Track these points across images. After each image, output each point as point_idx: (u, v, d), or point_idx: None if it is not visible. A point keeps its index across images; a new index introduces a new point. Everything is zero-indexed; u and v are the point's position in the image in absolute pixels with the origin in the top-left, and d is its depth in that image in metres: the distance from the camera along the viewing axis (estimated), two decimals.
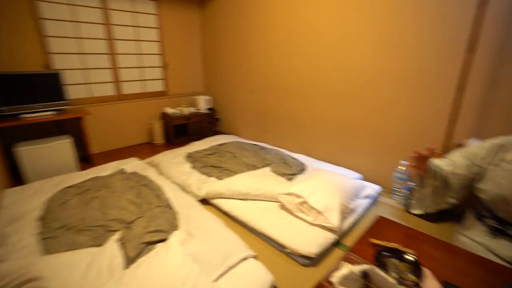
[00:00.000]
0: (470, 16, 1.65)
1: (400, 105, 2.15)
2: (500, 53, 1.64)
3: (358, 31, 2.26)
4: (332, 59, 2.49)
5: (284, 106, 3.07)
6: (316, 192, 1.78)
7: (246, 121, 3.64)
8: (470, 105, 1.81)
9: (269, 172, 2.33)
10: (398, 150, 2.25)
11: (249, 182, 2.11)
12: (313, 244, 1.55)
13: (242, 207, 1.95)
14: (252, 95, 3.41)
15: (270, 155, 2.75)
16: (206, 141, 3.31)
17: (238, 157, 2.76)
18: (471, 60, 1.61)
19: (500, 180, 1.08)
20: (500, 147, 1.11)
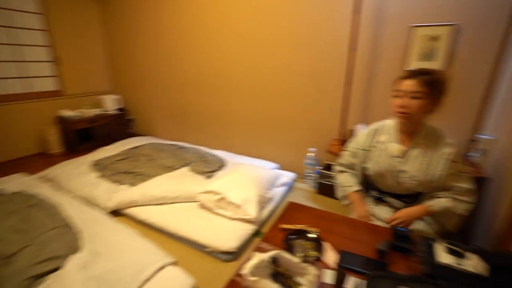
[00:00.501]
0: (348, 21, 1.92)
1: (305, 98, 2.35)
2: (373, 51, 1.97)
3: (269, 29, 2.34)
4: (247, 54, 2.52)
5: (203, 102, 2.97)
6: (234, 187, 1.78)
7: (164, 120, 3.39)
8: (356, 96, 2.12)
9: (187, 172, 2.23)
10: (307, 139, 2.45)
11: (166, 185, 1.97)
12: (233, 239, 1.55)
13: (159, 212, 1.81)
14: (169, 91, 3.19)
15: (189, 154, 2.65)
16: (117, 146, 2.95)
17: (155, 159, 2.55)
18: (354, 57, 1.88)
19: (377, 158, 1.29)
20: (375, 131, 1.32)
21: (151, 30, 3.05)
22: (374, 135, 1.32)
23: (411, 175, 1.21)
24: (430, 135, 1.20)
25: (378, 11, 1.89)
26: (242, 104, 2.71)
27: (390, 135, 1.27)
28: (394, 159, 1.24)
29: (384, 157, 1.27)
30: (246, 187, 1.81)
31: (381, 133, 1.31)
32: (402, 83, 1.14)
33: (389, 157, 1.25)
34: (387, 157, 1.26)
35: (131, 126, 3.76)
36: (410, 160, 1.22)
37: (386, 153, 1.26)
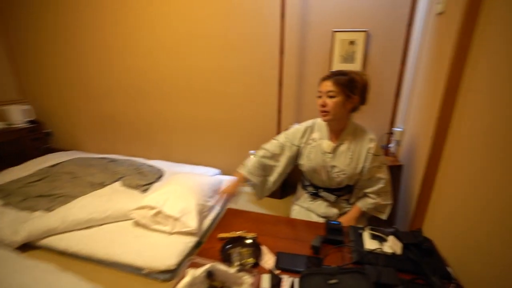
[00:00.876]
0: (277, 25, 1.98)
1: (243, 100, 2.35)
2: (302, 55, 2.07)
3: (203, 31, 2.27)
4: (180, 58, 2.40)
5: (136, 110, 2.73)
6: (170, 198, 1.67)
7: (91, 131, 3.01)
8: (289, 97, 2.21)
9: (119, 187, 2.01)
10: (247, 141, 2.46)
11: (93, 205, 1.73)
12: (173, 255, 1.44)
13: (85, 238, 1.57)
14: (96, 99, 2.84)
15: (123, 167, 2.40)
16: (30, 165, 2.51)
17: (80, 176, 2.24)
18: (283, 60, 1.95)
19: (310, 154, 1.34)
20: (308, 128, 1.37)
21: (69, 31, 2.67)
22: (309, 132, 1.37)
23: (340, 169, 1.29)
24: (355, 132, 1.30)
25: (302, 17, 2.00)
26: (179, 110, 2.59)
27: (321, 133, 1.34)
28: (326, 155, 1.31)
29: (317, 153, 1.32)
30: (184, 197, 1.71)
31: (314, 131, 1.37)
32: (322, 84, 1.21)
33: (321, 153, 1.31)
34: (319, 153, 1.32)
35: (49, 140, 3.24)
36: (339, 155, 1.29)
37: (319, 149, 1.32)
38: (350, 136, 1.29)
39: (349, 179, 1.32)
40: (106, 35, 2.56)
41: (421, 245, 0.97)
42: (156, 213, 1.60)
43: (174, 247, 1.49)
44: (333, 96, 1.18)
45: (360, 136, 1.29)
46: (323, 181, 1.36)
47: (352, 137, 1.29)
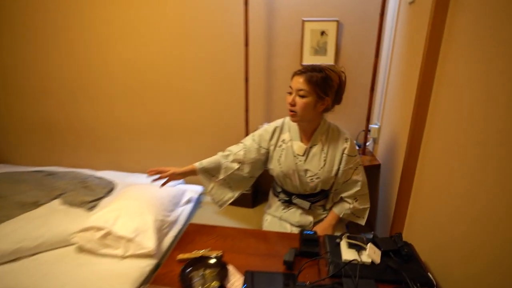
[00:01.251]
0: (241, 12, 1.95)
1: (209, 99, 2.31)
2: (269, 46, 2.07)
3: (158, 19, 2.18)
4: (132, 49, 2.29)
5: (79, 113, 2.55)
6: (122, 216, 1.57)
7: (23, 139, 2.74)
8: (257, 94, 2.20)
9: (58, 206, 1.85)
10: (214, 144, 2.41)
11: (22, 231, 1.57)
12: (126, 284, 1.33)
13: (10, 274, 1.41)
14: (26, 102, 2.60)
15: (63, 181, 2.21)
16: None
17: (7, 196, 2.02)
18: (248, 53, 1.93)
19: (280, 158, 1.32)
20: (277, 129, 1.35)
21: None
22: (278, 133, 1.35)
23: (314, 173, 1.29)
24: (328, 132, 1.31)
25: (269, 3, 1.99)
26: (133, 112, 2.47)
27: (292, 133, 1.32)
28: (297, 158, 1.29)
29: (288, 156, 1.31)
30: (139, 213, 1.61)
31: (284, 131, 1.35)
32: (293, 80, 1.19)
33: (292, 157, 1.30)
34: (290, 156, 1.30)
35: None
36: (312, 158, 1.29)
37: (290, 152, 1.30)
38: (323, 137, 1.30)
39: (324, 184, 1.32)
40: (37, 22, 2.35)
41: (401, 251, 0.99)
42: (105, 235, 1.49)
43: (127, 274, 1.39)
44: (303, 95, 1.17)
45: (334, 136, 1.30)
46: (296, 186, 1.35)
47: (325, 138, 1.30)
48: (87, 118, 2.55)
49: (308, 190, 1.34)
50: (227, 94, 2.26)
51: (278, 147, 1.34)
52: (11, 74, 2.55)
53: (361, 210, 1.36)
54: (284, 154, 1.32)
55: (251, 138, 1.38)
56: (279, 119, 1.39)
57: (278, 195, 1.45)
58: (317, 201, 1.39)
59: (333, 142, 1.29)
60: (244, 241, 1.15)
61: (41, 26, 2.34)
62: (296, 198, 1.38)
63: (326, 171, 1.28)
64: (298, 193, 1.38)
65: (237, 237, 1.17)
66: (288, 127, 1.34)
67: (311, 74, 1.16)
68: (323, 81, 1.17)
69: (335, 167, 1.29)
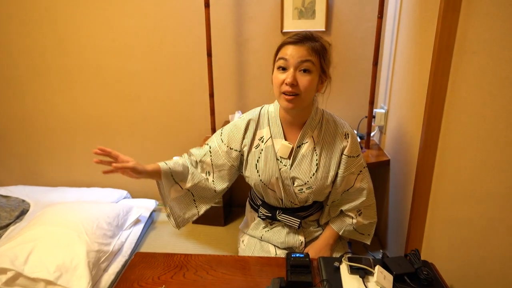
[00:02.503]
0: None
1: (159, 85, 2.31)
2: (237, 7, 2.06)
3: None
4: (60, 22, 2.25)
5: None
6: (38, 250, 1.54)
7: None
8: (224, 72, 2.20)
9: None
10: (170, 144, 2.42)
11: None
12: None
13: None
14: None
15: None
16: None
17: None
18: (209, 15, 1.90)
19: (258, 163, 1.31)
20: (251, 122, 1.34)
21: None
22: (253, 128, 1.32)
23: (304, 181, 1.26)
24: (322, 125, 1.28)
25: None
26: (53, 105, 2.43)
27: (272, 128, 1.29)
28: (281, 162, 1.27)
29: (268, 160, 1.28)
30: (64, 244, 1.58)
31: (261, 126, 1.32)
32: (289, 50, 1.14)
33: (275, 160, 1.27)
34: (272, 160, 1.28)
35: None
36: (300, 161, 1.27)
37: (271, 154, 1.28)
38: (315, 131, 1.27)
39: (318, 195, 1.31)
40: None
41: (419, 274, 1.00)
42: (12, 279, 1.45)
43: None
44: (309, 70, 1.12)
45: (329, 130, 1.28)
46: (280, 199, 1.34)
47: (317, 133, 1.28)
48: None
49: (297, 202, 1.33)
50: (183, 76, 2.24)
51: (254, 147, 1.32)
52: None
53: (366, 226, 1.37)
54: (263, 158, 1.29)
55: (218, 136, 1.36)
56: (254, 109, 1.36)
57: (258, 209, 1.43)
58: (309, 215, 1.39)
59: (329, 139, 1.28)
60: (213, 272, 1.13)
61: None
62: (282, 213, 1.36)
63: (319, 179, 1.26)
64: (284, 207, 1.37)
65: (203, 267, 1.14)
66: (267, 120, 1.31)
67: (312, 43, 1.13)
68: (323, 52, 1.15)
69: (332, 172, 1.27)
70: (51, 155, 2.55)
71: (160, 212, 2.37)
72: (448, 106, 1.21)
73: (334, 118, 1.31)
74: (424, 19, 1.42)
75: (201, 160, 1.34)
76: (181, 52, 2.20)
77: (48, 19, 2.25)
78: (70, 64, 2.34)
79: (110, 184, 2.50)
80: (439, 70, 1.20)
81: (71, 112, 2.44)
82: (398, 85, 1.78)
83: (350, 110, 2.15)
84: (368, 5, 1.98)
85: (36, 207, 2.15)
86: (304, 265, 1.06)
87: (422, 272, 1.01)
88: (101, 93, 2.38)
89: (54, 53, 2.32)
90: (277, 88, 1.16)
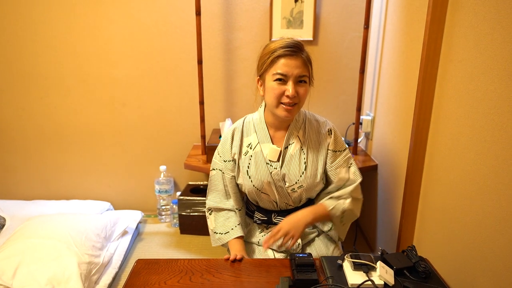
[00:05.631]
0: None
1: (150, 90, 2.33)
2: (227, 15, 2.14)
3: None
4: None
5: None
6: (25, 263, 1.53)
7: None
8: (213, 80, 2.27)
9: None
10: (155, 153, 2.42)
11: None
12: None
13: None
14: None
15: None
16: None
17: None
18: (199, 23, 1.95)
19: (249, 169, 1.39)
20: (236, 131, 1.43)
21: None
22: (238, 137, 1.40)
23: (294, 180, 1.35)
24: (305, 125, 1.39)
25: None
26: (30, 112, 2.39)
27: (259, 135, 1.38)
28: (271, 165, 1.35)
29: (258, 165, 1.36)
30: (54, 256, 1.58)
31: (247, 133, 1.41)
32: (285, 63, 1.22)
33: (265, 165, 1.35)
34: (261, 164, 1.35)
35: None
36: (289, 161, 1.35)
37: (260, 159, 1.36)
38: (300, 131, 1.37)
39: (309, 192, 1.40)
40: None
41: (417, 268, 1.10)
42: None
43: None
44: (305, 81, 1.25)
45: (312, 129, 1.38)
46: (274, 202, 1.41)
47: (302, 132, 1.37)
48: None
49: (291, 203, 1.41)
50: (171, 83, 2.28)
51: (243, 154, 1.39)
52: None
53: (349, 216, 1.41)
54: (253, 163, 1.37)
55: (217, 156, 1.45)
56: (238, 120, 1.46)
57: (253, 215, 1.50)
58: None
59: (314, 137, 1.38)
60: (219, 275, 1.16)
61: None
62: (277, 216, 1.44)
63: (309, 176, 1.35)
64: (279, 210, 1.44)
65: (208, 271, 1.18)
66: (253, 127, 1.40)
67: (305, 53, 1.25)
68: (311, 60, 1.27)
69: (320, 169, 1.36)
70: (25, 166, 2.50)
71: (146, 224, 2.37)
72: (435, 111, 1.33)
73: (315, 117, 1.41)
74: (411, 30, 1.56)
75: (222, 185, 1.44)
76: (170, 59, 2.24)
77: (25, 22, 2.23)
78: (49, 70, 2.31)
79: (90, 196, 2.48)
80: (427, 78, 1.32)
81: (49, 120, 2.40)
82: (385, 92, 1.90)
83: (337, 118, 2.26)
84: (353, 16, 2.12)
85: (13, 222, 2.10)
86: (309, 264, 1.13)
87: (420, 266, 1.10)
88: (83, 100, 2.36)
89: (32, 58, 2.29)
90: (275, 99, 1.24)
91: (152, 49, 2.24)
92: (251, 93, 2.23)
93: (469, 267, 1.12)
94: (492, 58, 1.00)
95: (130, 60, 2.27)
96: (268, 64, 1.24)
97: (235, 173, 1.41)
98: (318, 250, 1.41)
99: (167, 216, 2.40)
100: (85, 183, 2.51)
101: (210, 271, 1.19)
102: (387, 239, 1.83)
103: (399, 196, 1.62)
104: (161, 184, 2.33)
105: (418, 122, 1.38)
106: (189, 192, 2.29)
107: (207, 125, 2.21)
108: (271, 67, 1.23)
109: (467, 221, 1.13)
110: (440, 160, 1.30)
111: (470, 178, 1.11)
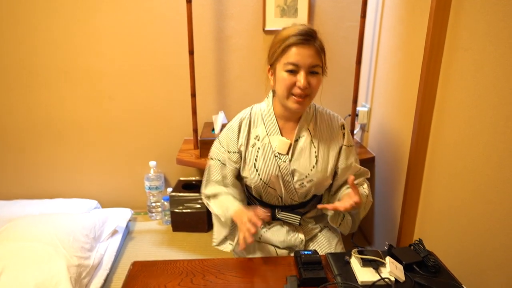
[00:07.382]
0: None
1: (140, 83, 2.30)
2: (218, 4, 2.11)
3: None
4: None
5: None
6: (10, 268, 1.50)
7: None
8: (204, 72, 2.24)
9: None
10: (144, 149, 2.40)
11: None
12: None
13: None
14: None
15: None
16: None
17: None
18: (191, 11, 1.91)
19: (257, 162, 1.35)
20: (244, 121, 1.38)
21: None
22: (246, 128, 1.36)
23: (304, 175, 1.32)
24: (316, 118, 1.36)
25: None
26: (16, 108, 2.35)
27: (268, 126, 1.34)
28: (280, 158, 1.32)
29: (266, 158, 1.32)
30: (41, 259, 1.55)
31: (254, 124, 1.37)
32: (296, 56, 1.18)
33: (273, 157, 1.32)
34: (270, 157, 1.32)
35: None
36: (299, 155, 1.33)
37: (268, 152, 1.32)
38: (310, 124, 1.35)
39: (318, 188, 1.37)
40: None
41: (426, 263, 1.09)
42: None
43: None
44: (317, 72, 1.21)
45: (324, 122, 1.37)
46: (280, 197, 1.38)
47: (313, 125, 1.35)
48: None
49: (296, 199, 1.38)
50: (161, 75, 2.26)
51: (251, 146, 1.36)
52: None
53: (365, 209, 1.42)
54: (261, 156, 1.33)
55: (218, 145, 1.41)
56: (245, 109, 1.42)
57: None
58: (307, 212, 1.44)
59: (325, 131, 1.35)
60: (221, 276, 1.14)
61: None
62: (281, 211, 1.41)
63: (320, 170, 1.33)
64: (283, 205, 1.41)
65: (210, 271, 1.15)
66: (261, 118, 1.36)
67: (318, 41, 1.21)
68: (324, 48, 1.24)
69: (331, 164, 1.34)
70: (3, 164, 2.45)
71: (136, 222, 2.35)
72: (439, 102, 1.32)
73: (326, 110, 1.40)
74: (413, 18, 1.54)
75: (223, 175, 1.41)
76: (159, 50, 2.21)
77: (5, 12, 2.17)
78: (31, 62, 2.26)
79: (76, 194, 2.45)
80: (431, 68, 1.31)
81: (30, 115, 2.36)
82: (382, 84, 1.90)
83: (333, 109, 2.23)
84: (350, 4, 2.11)
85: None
86: (316, 262, 1.11)
87: (429, 260, 1.10)
88: (67, 94, 2.32)
89: (12, 49, 2.23)
90: (286, 90, 1.21)
91: (141, 39, 2.21)
92: (244, 85, 2.27)
93: (478, 260, 1.12)
94: (505, 46, 0.98)
95: (117, 51, 2.23)
96: (279, 53, 1.20)
97: (239, 166, 1.37)
98: (321, 245, 1.41)
99: (158, 214, 2.38)
100: (69, 180, 2.48)
101: (212, 272, 1.16)
102: (386, 232, 1.83)
103: (399, 188, 1.62)
104: (151, 181, 2.31)
105: (421, 114, 1.38)
106: (181, 188, 2.27)
107: (198, 117, 2.18)
108: (282, 56, 1.19)
109: (476, 213, 1.13)
110: (445, 152, 1.30)
111: (479, 170, 1.11)
